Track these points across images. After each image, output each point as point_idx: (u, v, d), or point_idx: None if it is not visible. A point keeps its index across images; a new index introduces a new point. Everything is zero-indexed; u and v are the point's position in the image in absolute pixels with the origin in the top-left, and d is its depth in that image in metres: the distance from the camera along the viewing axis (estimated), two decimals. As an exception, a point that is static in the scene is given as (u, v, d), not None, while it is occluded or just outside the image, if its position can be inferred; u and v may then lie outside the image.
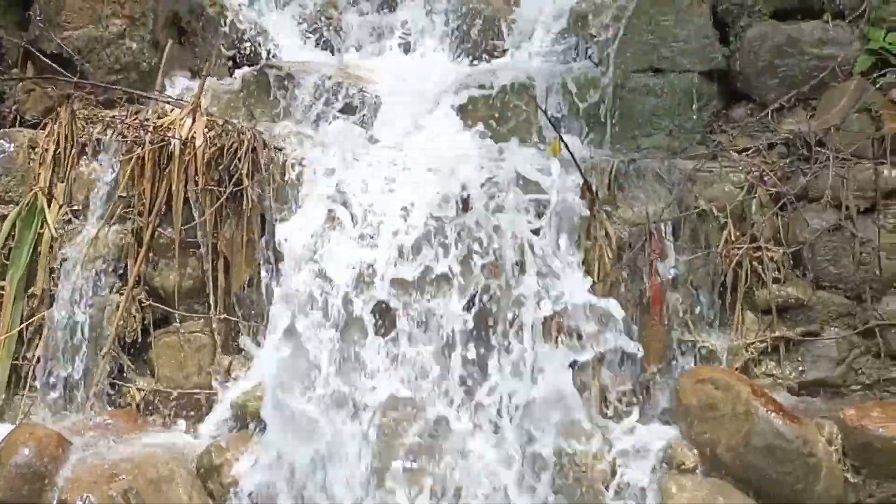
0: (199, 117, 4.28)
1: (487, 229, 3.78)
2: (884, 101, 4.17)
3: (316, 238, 3.79)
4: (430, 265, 3.73)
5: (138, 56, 4.74)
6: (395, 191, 3.87)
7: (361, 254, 3.75)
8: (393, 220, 3.77)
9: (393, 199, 3.83)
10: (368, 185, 3.94)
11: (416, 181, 3.90)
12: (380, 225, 3.76)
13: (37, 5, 4.74)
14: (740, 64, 4.55)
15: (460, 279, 3.72)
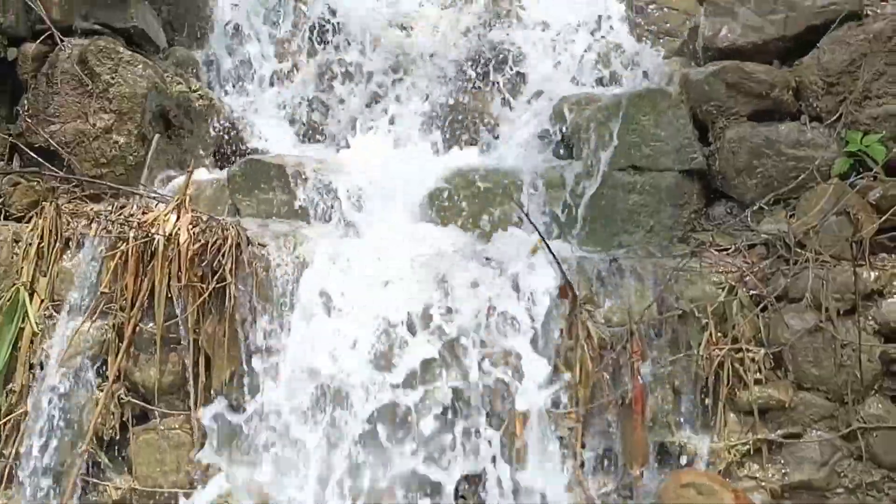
0: (184, 213, 4.29)
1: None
2: (862, 204, 4.22)
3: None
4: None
5: (125, 150, 4.77)
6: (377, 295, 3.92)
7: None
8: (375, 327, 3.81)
9: (375, 304, 3.88)
10: (351, 287, 3.99)
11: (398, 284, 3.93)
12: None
13: (25, 100, 4.80)
14: (719, 164, 4.62)
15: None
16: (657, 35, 5.50)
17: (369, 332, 3.82)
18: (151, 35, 5.10)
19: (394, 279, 3.96)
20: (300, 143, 5.39)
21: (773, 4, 4.69)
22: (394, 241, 4.22)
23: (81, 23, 4.87)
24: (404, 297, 3.96)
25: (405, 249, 4.14)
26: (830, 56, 4.50)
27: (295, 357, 3.91)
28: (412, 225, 4.49)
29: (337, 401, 3.82)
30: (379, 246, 4.16)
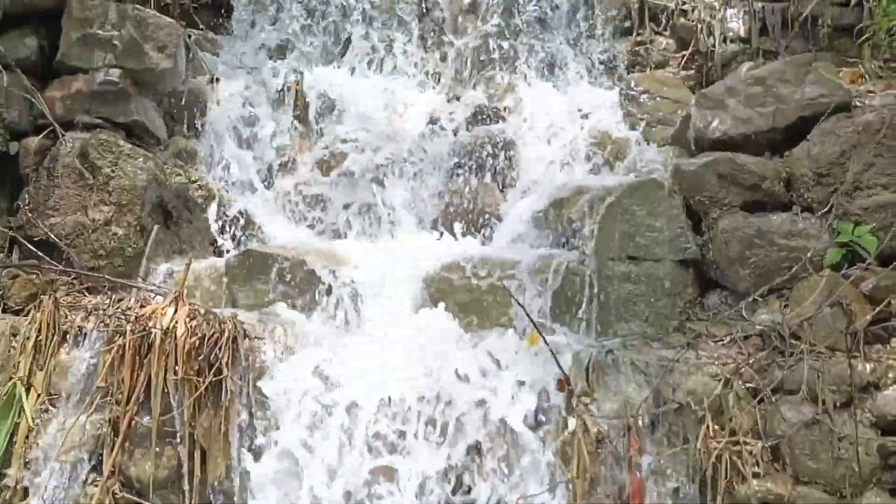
0: (182, 306, 4.31)
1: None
2: (855, 294, 4.25)
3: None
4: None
5: (124, 241, 4.81)
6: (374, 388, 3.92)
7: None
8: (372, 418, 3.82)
9: (372, 397, 3.88)
10: (348, 379, 4.01)
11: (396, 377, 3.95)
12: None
13: (26, 193, 4.86)
14: (713, 253, 4.66)
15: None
16: (650, 124, 5.59)
17: (361, 442, 3.84)
18: (152, 128, 5.18)
19: (389, 379, 3.97)
20: (299, 232, 5.42)
21: (763, 97, 4.78)
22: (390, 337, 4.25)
23: (83, 117, 4.96)
24: (398, 393, 4.00)
25: (401, 346, 4.16)
26: (820, 148, 4.58)
27: (287, 453, 3.91)
28: (408, 317, 4.51)
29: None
30: (375, 342, 4.18)
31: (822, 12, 5.96)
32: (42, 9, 5.02)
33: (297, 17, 6.27)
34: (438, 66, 6.13)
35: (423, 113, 5.84)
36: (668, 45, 6.21)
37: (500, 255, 4.83)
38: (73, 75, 5.02)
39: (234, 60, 6.05)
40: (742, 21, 6.15)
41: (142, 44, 5.02)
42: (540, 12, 6.19)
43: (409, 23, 6.24)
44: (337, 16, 6.25)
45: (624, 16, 6.24)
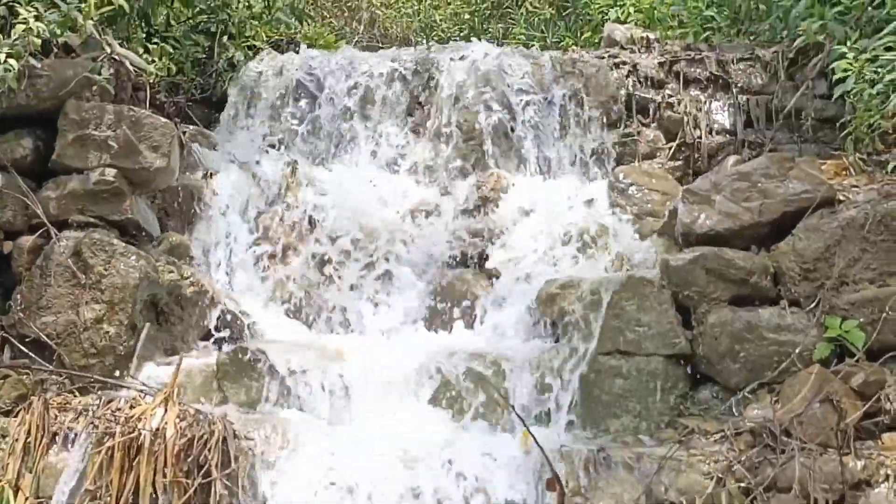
0: (171, 407, 4.31)
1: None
2: (845, 390, 4.25)
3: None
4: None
5: (115, 340, 4.82)
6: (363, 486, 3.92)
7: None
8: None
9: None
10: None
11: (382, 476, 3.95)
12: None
13: (19, 292, 4.88)
14: (703, 348, 4.68)
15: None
16: (639, 216, 5.64)
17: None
18: (145, 225, 5.23)
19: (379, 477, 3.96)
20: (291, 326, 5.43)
21: (748, 192, 4.85)
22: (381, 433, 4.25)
23: (77, 216, 5.02)
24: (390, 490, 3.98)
25: (392, 443, 4.16)
26: (806, 243, 4.63)
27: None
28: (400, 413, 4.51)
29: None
30: (361, 446, 4.17)
31: (805, 105, 6.08)
32: (39, 110, 5.11)
33: (291, 111, 6.38)
34: (430, 159, 6.21)
35: (414, 205, 5.90)
36: (656, 136, 6.30)
37: (491, 349, 4.86)
38: (69, 175, 5.09)
39: (228, 154, 6.12)
40: (727, 113, 6.27)
41: (137, 144, 5.10)
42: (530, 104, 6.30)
43: (400, 117, 6.35)
44: (330, 110, 6.36)
45: (612, 108, 6.34)
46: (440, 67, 6.41)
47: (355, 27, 11.07)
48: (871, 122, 5.25)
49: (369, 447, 4.20)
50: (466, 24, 11.14)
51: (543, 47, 10.36)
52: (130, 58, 5.43)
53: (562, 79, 6.38)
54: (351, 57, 6.68)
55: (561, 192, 5.86)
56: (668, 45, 6.71)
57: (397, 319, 5.47)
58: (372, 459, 4.13)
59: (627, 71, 6.48)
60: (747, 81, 6.33)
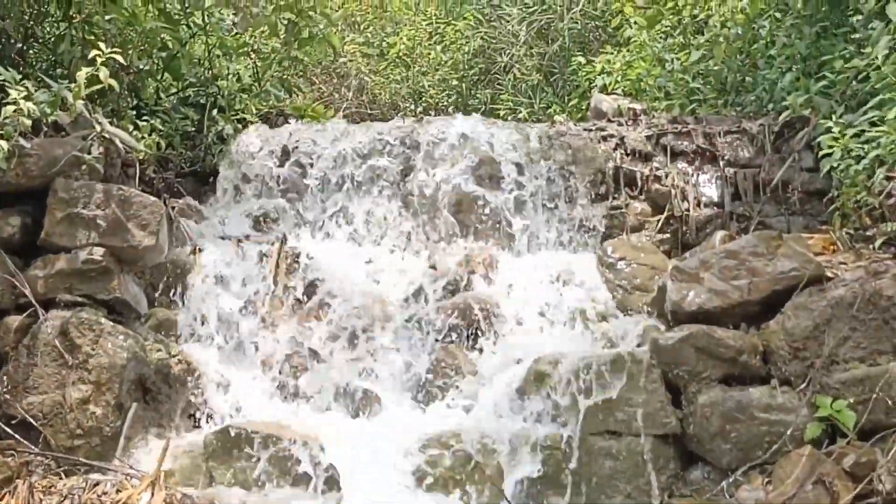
0: (158, 491, 4.27)
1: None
2: (837, 471, 4.23)
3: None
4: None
5: (102, 420, 4.78)
6: None
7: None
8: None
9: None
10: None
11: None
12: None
13: (5, 372, 4.84)
14: (693, 427, 4.65)
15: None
16: (628, 290, 5.65)
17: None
18: (133, 303, 5.21)
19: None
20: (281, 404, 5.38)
21: (737, 270, 4.86)
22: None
23: (65, 295, 5.00)
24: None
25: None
26: (795, 322, 4.63)
27: None
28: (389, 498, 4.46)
29: None
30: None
31: (793, 178, 6.11)
32: (28, 188, 5.12)
33: (280, 185, 6.39)
34: (418, 234, 6.22)
35: (403, 281, 5.88)
36: (644, 209, 6.32)
37: (481, 430, 4.81)
38: (57, 253, 5.09)
39: (216, 229, 6.12)
40: (715, 186, 6.29)
41: (125, 223, 5.11)
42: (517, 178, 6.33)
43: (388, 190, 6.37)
44: (318, 184, 6.37)
45: (599, 181, 6.37)
46: (427, 141, 6.43)
47: (344, 93, 11.12)
48: (858, 198, 5.29)
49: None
50: (454, 90, 11.22)
51: (531, 113, 10.51)
52: (120, 136, 5.45)
53: (550, 151, 6.42)
54: (339, 130, 6.70)
55: (549, 266, 5.85)
56: (655, 119, 6.77)
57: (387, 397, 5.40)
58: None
59: (615, 144, 6.52)
60: (734, 154, 6.36)
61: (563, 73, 10.67)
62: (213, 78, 7.16)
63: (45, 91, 5.20)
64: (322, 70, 11.08)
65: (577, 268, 5.82)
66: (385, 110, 11.28)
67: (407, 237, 6.28)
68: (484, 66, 11.40)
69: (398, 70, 11.28)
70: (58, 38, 6.51)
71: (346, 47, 11.04)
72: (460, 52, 11.27)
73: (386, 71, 11.28)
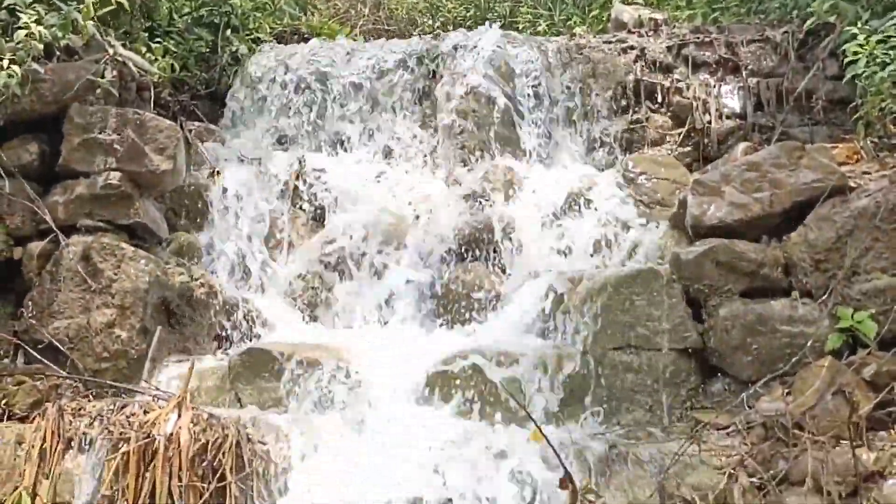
0: (185, 411, 4.32)
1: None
2: (857, 381, 4.23)
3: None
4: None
5: (127, 344, 4.85)
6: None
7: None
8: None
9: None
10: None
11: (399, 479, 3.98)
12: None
13: (30, 298, 4.91)
14: (714, 341, 4.66)
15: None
16: (648, 205, 5.61)
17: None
18: (154, 227, 5.23)
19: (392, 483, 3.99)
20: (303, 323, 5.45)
21: (758, 182, 4.81)
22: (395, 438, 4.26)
23: (86, 220, 5.02)
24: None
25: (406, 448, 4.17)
26: (817, 233, 4.59)
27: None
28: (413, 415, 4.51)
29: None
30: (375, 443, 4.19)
31: (817, 87, 6.01)
32: (43, 115, 5.11)
33: (297, 105, 6.35)
34: (437, 151, 6.18)
35: (423, 199, 5.88)
36: (665, 122, 6.25)
37: (502, 347, 4.83)
38: (76, 179, 5.09)
39: (234, 150, 6.11)
40: (737, 97, 6.20)
41: (142, 147, 5.09)
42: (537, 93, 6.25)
43: (407, 108, 6.32)
44: (336, 103, 6.33)
45: (620, 95, 6.29)
46: (445, 57, 6.35)
47: (360, 10, 10.96)
48: (883, 106, 5.19)
49: (382, 454, 4.23)
50: (473, 3, 11.03)
51: (550, 25, 10.32)
52: (133, 59, 5.41)
53: (569, 66, 6.32)
54: (356, 47, 6.63)
55: (570, 182, 5.82)
56: (676, 28, 6.65)
57: (408, 313, 5.45)
58: (384, 466, 4.16)
59: (635, 56, 6.42)
60: (757, 64, 6.26)
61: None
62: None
63: (56, 14, 5.15)
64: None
65: (598, 183, 5.79)
66: (402, 25, 11.12)
67: (426, 155, 6.25)
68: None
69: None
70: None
71: (362, -40, 10.85)
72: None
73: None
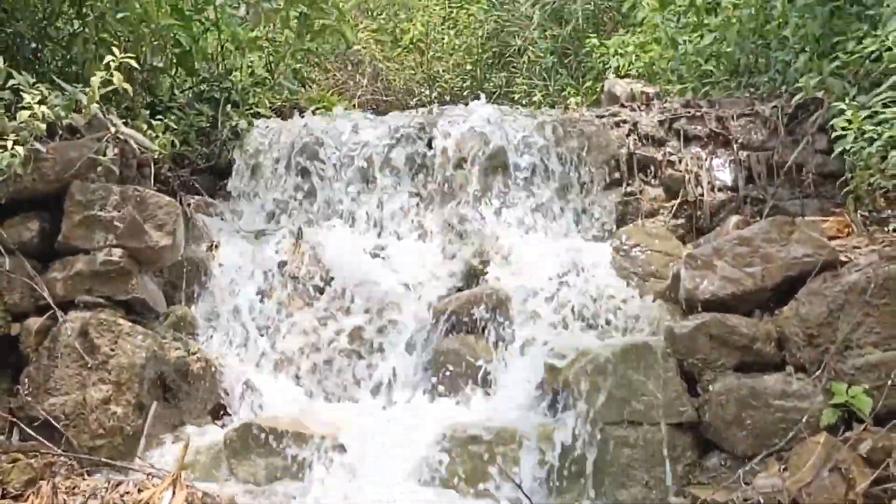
0: (179, 490, 4.33)
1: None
2: (853, 457, 4.23)
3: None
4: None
5: (123, 420, 4.86)
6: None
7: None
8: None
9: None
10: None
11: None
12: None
13: (26, 374, 4.92)
14: (709, 415, 4.66)
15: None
16: (643, 277, 5.64)
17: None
18: (151, 302, 5.26)
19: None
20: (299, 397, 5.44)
21: (750, 257, 4.85)
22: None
23: (84, 296, 5.06)
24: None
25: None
26: (809, 308, 4.63)
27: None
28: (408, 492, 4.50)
29: None
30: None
31: (806, 160, 6.09)
32: (44, 192, 5.17)
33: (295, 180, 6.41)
34: (432, 223, 6.23)
35: (418, 270, 5.92)
36: (658, 194, 6.32)
37: (497, 422, 4.84)
38: (75, 256, 5.14)
39: (232, 224, 6.17)
40: (729, 170, 6.27)
41: (142, 223, 5.15)
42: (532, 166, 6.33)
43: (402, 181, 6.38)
44: (333, 177, 6.39)
45: (613, 167, 6.37)
46: (440, 131, 6.43)
47: (359, 80, 11.15)
48: (871, 181, 5.26)
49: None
50: (469, 74, 11.23)
51: (545, 96, 10.49)
52: (135, 136, 5.48)
53: (564, 139, 6.41)
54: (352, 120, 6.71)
55: (565, 254, 5.85)
56: (668, 102, 6.75)
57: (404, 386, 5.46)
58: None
59: (628, 129, 6.51)
60: (747, 137, 6.34)
61: (577, 55, 10.65)
62: (226, 72, 7.20)
63: (60, 94, 5.25)
64: (336, 58, 11.11)
65: (592, 254, 5.82)
66: (400, 96, 11.30)
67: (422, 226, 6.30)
68: (498, 49, 11.41)
69: (412, 56, 11.29)
70: (71, 36, 6.56)
71: (360, 34, 11.04)
72: (474, 37, 11.29)
73: (400, 57, 11.30)
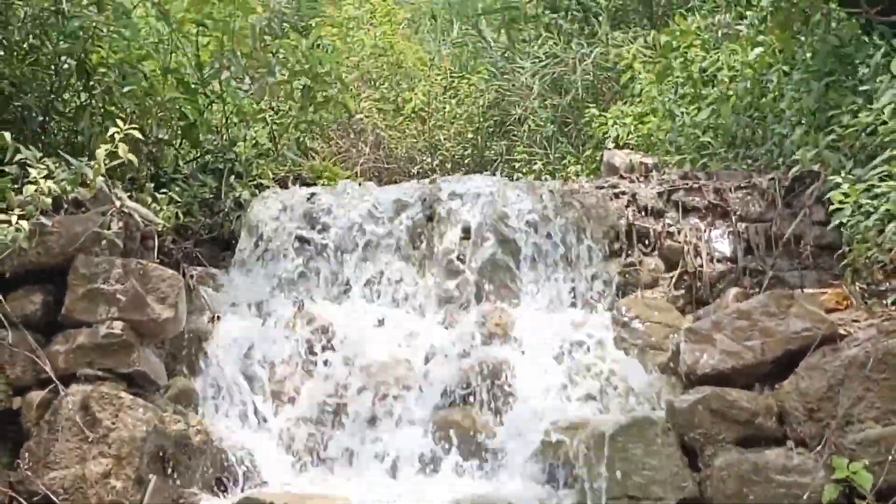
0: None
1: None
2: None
3: None
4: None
5: (122, 495, 4.83)
6: None
7: None
8: None
9: None
10: None
11: None
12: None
13: (26, 448, 4.92)
14: (711, 490, 4.64)
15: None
16: (643, 349, 5.66)
17: None
18: (153, 375, 5.27)
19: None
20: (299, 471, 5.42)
21: (749, 331, 4.89)
22: None
23: (85, 369, 5.08)
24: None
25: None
26: (809, 382, 4.64)
27: None
28: None
29: None
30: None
31: (804, 232, 6.14)
32: (49, 266, 5.21)
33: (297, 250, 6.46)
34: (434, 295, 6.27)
35: (421, 343, 5.94)
36: (657, 265, 6.35)
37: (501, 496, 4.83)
38: (77, 329, 5.15)
39: (235, 296, 6.21)
40: (727, 241, 6.32)
41: (145, 296, 5.17)
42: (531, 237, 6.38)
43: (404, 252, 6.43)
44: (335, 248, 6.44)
45: (613, 238, 6.42)
46: (441, 202, 6.50)
47: (361, 149, 11.26)
48: (869, 254, 5.30)
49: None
50: (470, 143, 11.35)
51: (546, 164, 10.59)
52: (139, 210, 5.55)
53: (563, 210, 6.47)
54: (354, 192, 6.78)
55: (565, 326, 5.89)
56: (666, 174, 6.83)
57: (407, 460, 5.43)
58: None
59: (627, 200, 6.58)
60: (745, 209, 6.40)
61: (576, 124, 10.77)
62: (230, 144, 7.29)
63: (66, 169, 5.33)
64: (339, 126, 11.22)
65: (592, 326, 5.85)
66: (401, 164, 11.40)
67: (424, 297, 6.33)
68: (499, 118, 11.55)
69: (414, 124, 11.41)
70: (78, 109, 6.68)
71: (363, 103, 11.19)
72: (475, 106, 11.42)
73: (402, 125, 11.41)
